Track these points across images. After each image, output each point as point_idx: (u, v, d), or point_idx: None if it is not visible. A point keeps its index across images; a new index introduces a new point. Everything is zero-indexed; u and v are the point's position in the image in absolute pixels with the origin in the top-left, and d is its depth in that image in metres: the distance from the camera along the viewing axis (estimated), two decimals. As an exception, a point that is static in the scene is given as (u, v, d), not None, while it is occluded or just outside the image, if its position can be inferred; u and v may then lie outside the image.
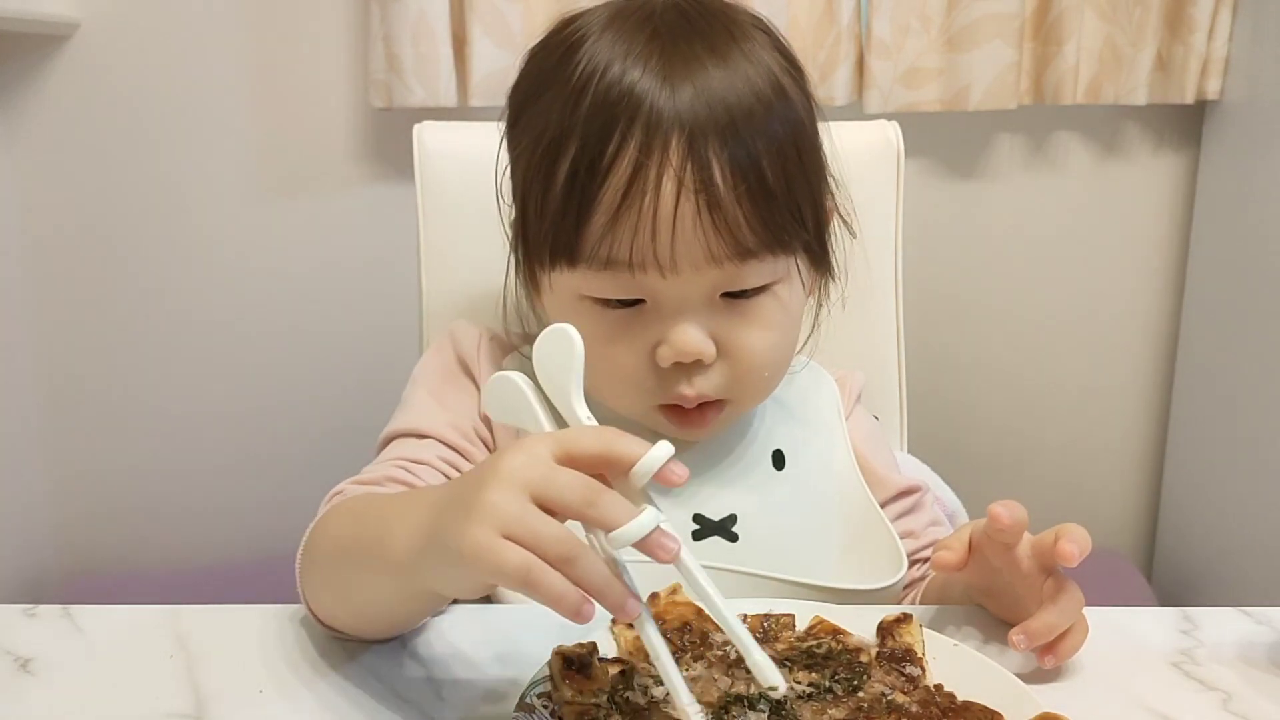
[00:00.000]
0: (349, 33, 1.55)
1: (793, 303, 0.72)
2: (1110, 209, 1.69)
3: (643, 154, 0.64)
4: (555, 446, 0.50)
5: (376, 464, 0.73)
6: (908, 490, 0.83)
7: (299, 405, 1.67)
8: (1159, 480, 1.79)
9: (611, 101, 0.65)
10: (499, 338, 0.82)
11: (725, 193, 0.65)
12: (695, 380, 0.69)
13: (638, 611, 0.49)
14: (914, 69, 1.53)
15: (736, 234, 0.65)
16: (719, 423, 0.73)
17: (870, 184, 1.01)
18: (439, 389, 0.79)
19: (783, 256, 0.69)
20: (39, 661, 0.62)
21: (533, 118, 0.70)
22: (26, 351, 1.63)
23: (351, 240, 1.62)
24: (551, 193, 0.67)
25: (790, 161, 0.67)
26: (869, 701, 0.56)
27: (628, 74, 0.65)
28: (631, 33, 0.67)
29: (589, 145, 0.65)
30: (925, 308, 1.50)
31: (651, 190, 0.64)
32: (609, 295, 0.68)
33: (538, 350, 0.54)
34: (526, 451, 0.49)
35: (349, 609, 0.62)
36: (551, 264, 0.69)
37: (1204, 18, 1.52)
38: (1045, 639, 0.60)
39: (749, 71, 0.67)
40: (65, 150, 1.57)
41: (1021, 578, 0.62)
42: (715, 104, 0.65)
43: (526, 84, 0.72)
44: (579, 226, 0.66)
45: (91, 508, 1.70)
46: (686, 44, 0.67)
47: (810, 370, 0.85)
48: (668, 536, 0.49)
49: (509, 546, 0.47)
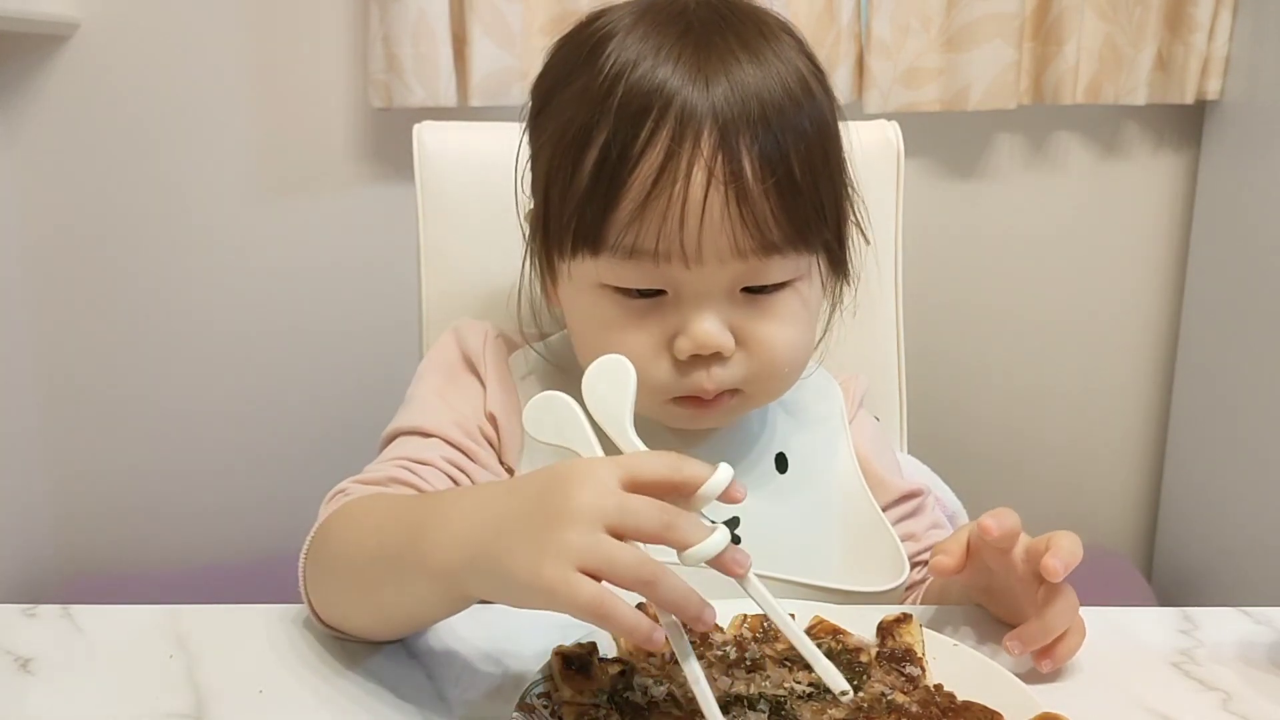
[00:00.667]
0: (349, 33, 1.55)
1: (812, 301, 0.73)
2: (1110, 209, 1.69)
3: (675, 143, 0.64)
4: (622, 473, 0.50)
5: (379, 463, 0.73)
6: (910, 494, 0.83)
7: (299, 405, 1.67)
8: (1159, 480, 1.79)
9: (645, 93, 0.65)
10: (505, 335, 0.82)
11: (754, 185, 0.65)
12: (714, 372, 0.69)
13: (714, 619, 0.50)
14: (914, 69, 1.53)
15: (763, 227, 0.66)
16: (731, 410, 0.73)
17: (870, 184, 1.00)
18: (444, 387, 0.78)
19: (805, 254, 0.69)
20: (39, 661, 0.62)
21: (560, 107, 0.70)
22: (26, 351, 1.63)
23: (351, 240, 1.62)
24: (578, 179, 0.67)
25: (817, 159, 0.68)
26: (869, 701, 0.56)
27: (660, 67, 0.66)
28: (664, 28, 0.68)
29: (620, 133, 0.65)
30: (925, 308, 1.50)
31: (682, 179, 0.64)
32: (631, 285, 0.68)
33: (590, 379, 0.56)
34: (594, 482, 0.50)
35: (369, 611, 0.61)
36: (573, 252, 0.69)
37: (1204, 17, 1.52)
38: (1039, 644, 0.60)
39: (780, 69, 0.67)
40: (65, 150, 1.57)
41: (1018, 580, 0.62)
42: (748, 98, 0.65)
43: (553, 75, 0.72)
44: (606, 213, 0.66)
45: (91, 507, 1.70)
46: (721, 38, 0.67)
47: (816, 374, 0.85)
48: (740, 553, 0.51)
49: (583, 582, 0.47)
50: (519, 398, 0.78)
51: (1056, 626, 0.60)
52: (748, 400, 0.73)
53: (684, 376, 0.70)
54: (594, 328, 0.72)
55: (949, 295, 1.69)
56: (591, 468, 0.51)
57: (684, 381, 0.70)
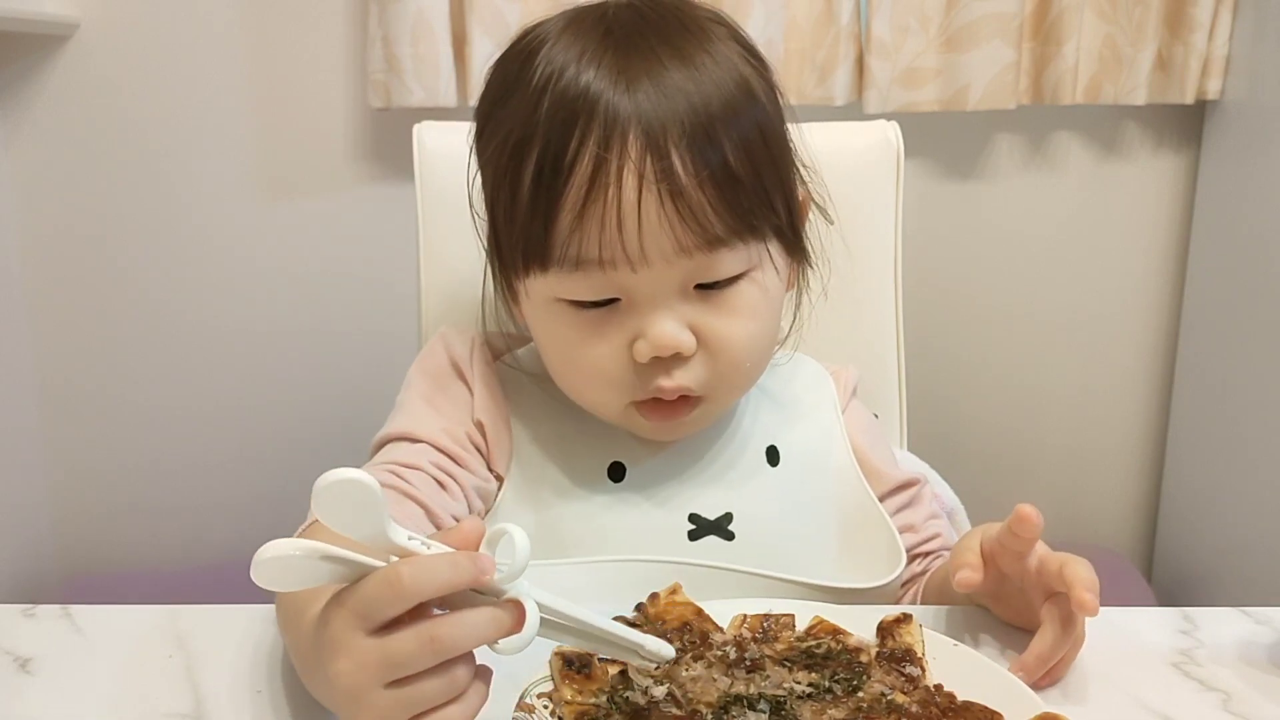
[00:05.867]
0: (348, 33, 1.55)
1: (770, 291, 0.72)
2: (1110, 209, 1.69)
3: (602, 149, 0.64)
4: (363, 624, 0.45)
5: (368, 467, 0.73)
6: (906, 483, 0.83)
7: (299, 405, 1.67)
8: (1159, 480, 1.79)
9: (569, 101, 0.65)
10: (491, 340, 0.82)
11: (687, 181, 0.65)
12: (674, 373, 0.69)
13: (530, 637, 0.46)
14: (913, 69, 1.53)
15: (703, 222, 0.66)
16: (693, 420, 0.73)
17: (870, 184, 1.01)
18: (432, 394, 0.78)
19: (754, 243, 0.69)
20: (39, 661, 0.62)
21: (497, 125, 0.70)
22: (26, 351, 1.63)
23: (351, 240, 1.62)
24: (519, 197, 0.67)
25: (755, 147, 0.68)
26: (869, 701, 0.56)
27: (583, 74, 0.66)
28: (586, 34, 0.68)
29: (550, 146, 0.65)
30: (925, 307, 1.50)
31: (613, 184, 0.64)
32: (583, 296, 0.68)
33: (327, 511, 0.44)
34: (346, 652, 0.45)
35: None
36: (525, 270, 0.69)
37: (1204, 17, 1.52)
38: (1040, 671, 0.59)
39: (706, 62, 0.67)
40: (65, 150, 1.57)
41: (1030, 586, 0.62)
42: (673, 96, 0.65)
43: (490, 94, 0.73)
44: (547, 228, 0.66)
45: (90, 507, 1.70)
46: (642, 40, 0.67)
47: (801, 363, 0.85)
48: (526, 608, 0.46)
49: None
50: (506, 404, 0.78)
51: (1055, 654, 0.60)
52: (711, 405, 0.73)
53: (645, 379, 0.69)
54: (556, 343, 0.72)
55: (949, 295, 1.69)
56: (334, 638, 0.45)
57: (645, 384, 0.70)
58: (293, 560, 0.44)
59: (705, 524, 0.74)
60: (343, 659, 0.45)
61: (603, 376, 0.70)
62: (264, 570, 0.44)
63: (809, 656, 0.59)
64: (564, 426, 0.77)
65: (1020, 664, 0.59)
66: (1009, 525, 0.61)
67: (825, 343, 0.85)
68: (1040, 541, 0.62)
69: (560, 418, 0.77)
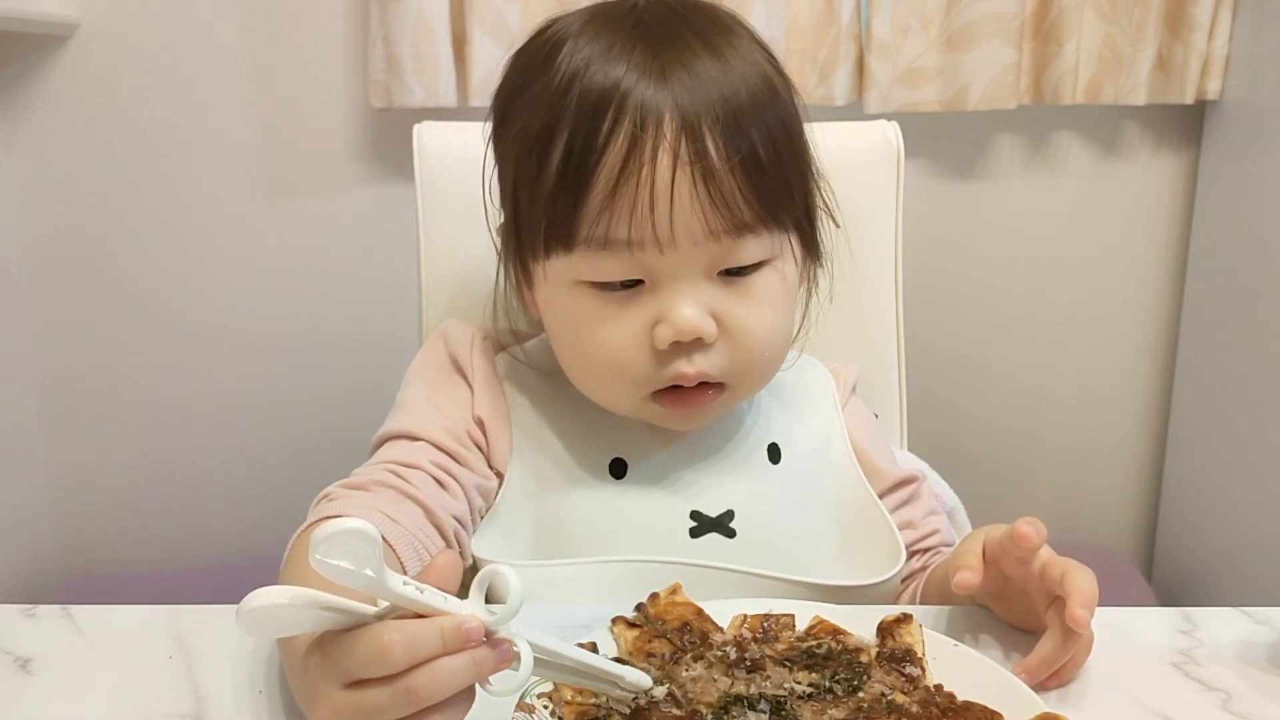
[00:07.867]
0: (348, 33, 1.55)
1: (789, 282, 0.73)
2: (1110, 209, 1.69)
3: (639, 130, 0.65)
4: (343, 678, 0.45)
5: (367, 466, 0.73)
6: (905, 480, 0.83)
7: (298, 405, 1.67)
8: (1159, 480, 1.79)
9: (602, 89, 0.66)
10: (492, 336, 0.82)
11: (720, 165, 0.65)
12: (695, 358, 0.69)
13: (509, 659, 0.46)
14: (913, 69, 1.53)
15: (732, 207, 0.66)
16: (716, 408, 0.73)
17: (870, 184, 1.01)
18: (432, 391, 0.78)
19: (777, 232, 0.70)
20: (38, 661, 0.62)
21: (519, 113, 0.70)
22: (26, 351, 1.63)
23: (351, 240, 1.62)
24: (545, 179, 0.67)
25: (779, 139, 0.69)
26: (869, 701, 0.56)
27: (615, 62, 0.66)
28: (615, 26, 0.69)
29: (582, 127, 0.66)
30: (925, 307, 1.50)
31: (648, 164, 0.65)
32: (607, 277, 0.68)
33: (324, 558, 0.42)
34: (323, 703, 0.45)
35: None
36: (547, 251, 0.69)
37: (1204, 17, 1.52)
38: (1043, 675, 0.59)
39: (734, 58, 0.68)
40: (65, 150, 1.57)
41: (1034, 589, 0.62)
42: (705, 85, 0.66)
43: (510, 85, 0.73)
44: (575, 208, 0.66)
45: (91, 507, 1.70)
46: (674, 32, 0.68)
47: (802, 363, 0.85)
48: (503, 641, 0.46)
49: None
50: (506, 401, 0.78)
51: (1060, 658, 0.59)
52: (732, 394, 0.73)
53: (664, 366, 0.69)
54: (573, 327, 0.72)
55: (949, 295, 1.69)
56: (313, 688, 0.46)
57: (665, 372, 0.69)
58: (280, 610, 0.43)
59: (707, 521, 0.74)
60: (320, 708, 0.46)
61: (619, 363, 0.70)
62: (250, 619, 0.43)
63: (809, 656, 0.59)
64: (566, 422, 0.77)
65: (1024, 666, 0.59)
66: (1009, 537, 0.61)
67: (825, 342, 0.85)
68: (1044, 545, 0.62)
69: (563, 413, 0.77)
